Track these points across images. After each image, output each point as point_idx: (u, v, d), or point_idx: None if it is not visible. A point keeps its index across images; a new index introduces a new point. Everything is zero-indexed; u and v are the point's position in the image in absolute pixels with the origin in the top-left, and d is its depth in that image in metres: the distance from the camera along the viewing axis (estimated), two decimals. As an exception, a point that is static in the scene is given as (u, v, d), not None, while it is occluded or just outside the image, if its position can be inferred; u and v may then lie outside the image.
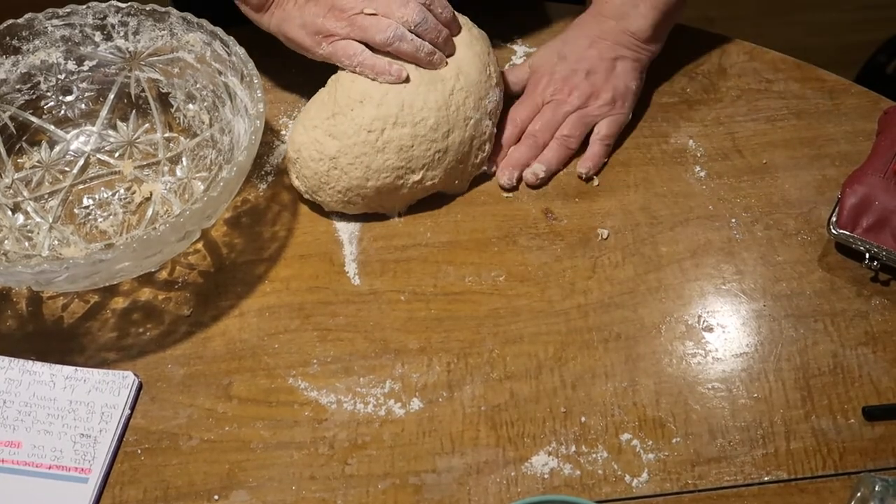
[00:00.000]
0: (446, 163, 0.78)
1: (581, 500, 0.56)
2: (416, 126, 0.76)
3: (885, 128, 0.80)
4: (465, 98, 0.78)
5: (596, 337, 0.73)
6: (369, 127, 0.75)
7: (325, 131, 0.76)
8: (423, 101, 0.76)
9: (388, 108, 0.76)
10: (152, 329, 0.74)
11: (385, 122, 0.75)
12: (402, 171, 0.76)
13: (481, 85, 0.79)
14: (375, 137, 0.75)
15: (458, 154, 0.78)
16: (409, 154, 0.76)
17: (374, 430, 0.69)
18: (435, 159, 0.77)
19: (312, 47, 0.79)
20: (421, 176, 0.77)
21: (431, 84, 0.77)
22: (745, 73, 0.90)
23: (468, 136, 0.78)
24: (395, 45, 0.76)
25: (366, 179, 0.76)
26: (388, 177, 0.76)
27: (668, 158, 0.84)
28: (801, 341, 0.72)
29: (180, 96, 0.83)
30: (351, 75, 0.77)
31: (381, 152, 0.76)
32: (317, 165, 0.76)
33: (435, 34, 0.77)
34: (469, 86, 0.78)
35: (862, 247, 0.75)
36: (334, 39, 0.77)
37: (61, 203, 0.81)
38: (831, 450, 0.67)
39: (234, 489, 0.66)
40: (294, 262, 0.78)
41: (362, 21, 0.77)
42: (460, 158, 0.79)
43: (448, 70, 0.78)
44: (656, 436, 0.68)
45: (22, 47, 0.80)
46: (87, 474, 0.66)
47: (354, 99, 0.76)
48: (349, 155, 0.76)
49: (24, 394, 0.69)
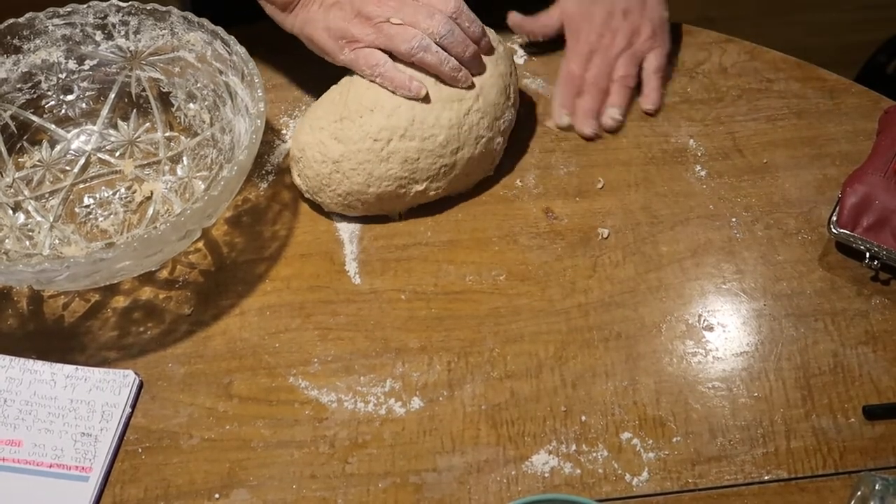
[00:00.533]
0: (452, 176, 0.78)
1: (582, 499, 0.56)
2: (425, 141, 0.76)
3: (886, 127, 0.81)
4: (479, 119, 0.78)
5: (596, 336, 0.73)
6: (376, 136, 0.75)
7: (331, 134, 0.76)
8: (436, 118, 0.76)
9: (399, 119, 0.75)
10: (153, 328, 0.74)
11: (392, 133, 0.75)
12: (405, 182, 0.76)
13: (499, 106, 0.79)
14: (381, 147, 0.75)
15: (466, 168, 0.78)
16: (413, 166, 0.76)
17: (374, 428, 0.69)
18: (440, 173, 0.77)
19: (335, 52, 0.78)
20: (424, 187, 0.77)
21: (448, 103, 0.76)
22: (745, 72, 0.90)
23: (478, 153, 0.78)
24: (419, 56, 0.75)
25: (367, 186, 0.76)
26: (389, 185, 0.76)
27: (668, 158, 0.84)
28: (801, 340, 0.73)
29: (181, 95, 0.83)
30: (367, 81, 0.77)
31: (385, 161, 0.75)
32: (319, 167, 0.76)
33: (462, 48, 0.76)
34: (486, 107, 0.78)
35: (862, 246, 0.75)
36: (357, 46, 0.76)
37: (62, 202, 0.81)
38: (831, 449, 0.67)
39: (235, 488, 0.66)
40: (295, 261, 0.78)
41: (388, 30, 0.76)
42: (468, 172, 0.79)
43: (470, 90, 0.77)
44: (657, 435, 0.68)
45: (23, 46, 0.80)
46: (88, 473, 0.66)
47: (365, 106, 0.76)
48: (352, 160, 0.75)
49: (24, 392, 0.69)
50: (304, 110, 0.86)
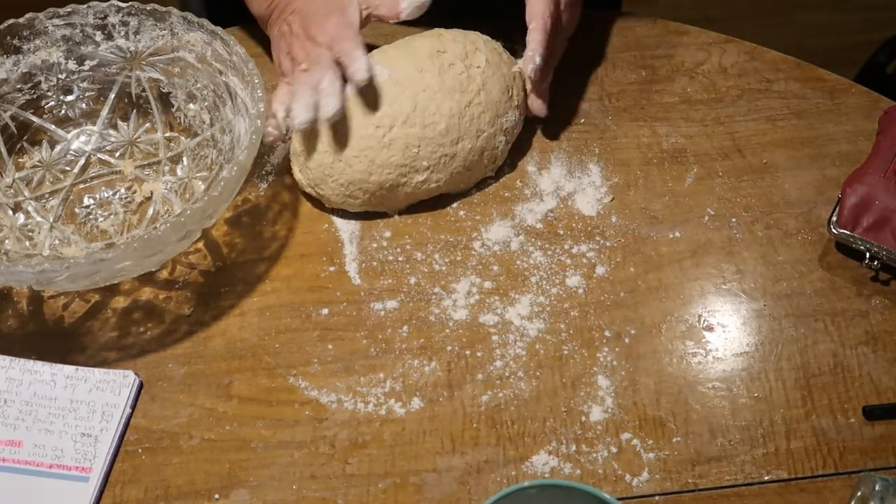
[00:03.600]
0: (453, 167, 0.78)
1: (582, 485, 0.55)
2: (426, 128, 0.76)
3: (886, 127, 0.81)
4: (481, 112, 0.78)
5: (596, 336, 0.73)
6: (378, 122, 0.75)
7: (333, 123, 0.76)
8: (437, 106, 0.76)
9: (401, 106, 0.76)
10: (153, 328, 0.74)
11: (394, 120, 0.75)
12: (406, 170, 0.77)
13: (501, 104, 0.80)
14: (382, 133, 0.75)
15: (467, 161, 0.79)
16: (414, 153, 0.76)
17: (374, 429, 0.69)
18: (441, 163, 0.77)
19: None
20: (425, 177, 0.77)
21: (450, 93, 0.77)
22: (745, 72, 0.90)
23: (479, 147, 0.79)
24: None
25: (369, 174, 0.76)
26: (391, 173, 0.76)
27: (668, 158, 0.84)
28: (801, 341, 0.73)
29: (181, 96, 0.83)
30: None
31: (387, 148, 0.76)
32: (321, 157, 0.76)
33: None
34: (488, 103, 0.79)
35: (862, 246, 0.75)
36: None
37: (62, 202, 0.81)
38: (831, 449, 0.67)
39: (235, 488, 0.66)
40: (294, 261, 0.78)
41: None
42: (468, 166, 0.79)
43: (472, 84, 0.78)
44: (657, 435, 0.68)
45: (23, 47, 0.80)
46: (88, 473, 0.66)
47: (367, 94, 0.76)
48: (354, 148, 0.76)
49: (24, 393, 0.69)
50: (304, 110, 0.86)
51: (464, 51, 0.79)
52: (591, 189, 0.82)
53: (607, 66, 0.91)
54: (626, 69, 0.90)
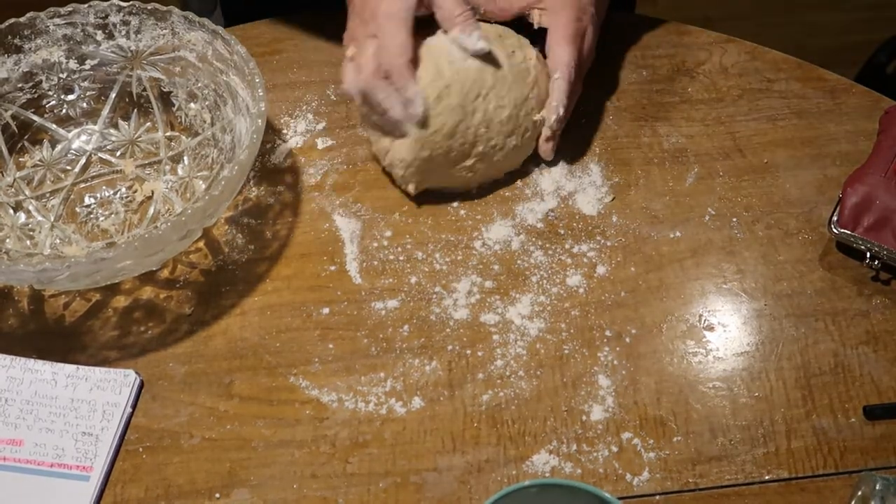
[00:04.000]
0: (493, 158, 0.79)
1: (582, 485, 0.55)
2: (497, 110, 0.77)
3: (887, 127, 0.81)
4: (532, 109, 0.79)
5: (597, 336, 0.73)
6: (470, 87, 0.75)
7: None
8: (508, 89, 0.77)
9: (483, 81, 0.76)
10: (154, 327, 0.74)
11: (480, 90, 0.75)
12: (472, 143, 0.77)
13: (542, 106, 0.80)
14: (472, 98, 0.75)
15: (505, 156, 0.79)
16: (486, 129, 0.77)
17: (375, 428, 0.69)
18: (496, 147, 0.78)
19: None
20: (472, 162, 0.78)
21: (516, 82, 0.77)
22: (746, 72, 0.90)
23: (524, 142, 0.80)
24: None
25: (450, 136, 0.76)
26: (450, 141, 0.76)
27: (668, 157, 0.84)
28: (801, 340, 0.73)
29: (182, 95, 0.83)
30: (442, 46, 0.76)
31: (471, 115, 0.76)
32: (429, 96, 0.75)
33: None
34: (539, 105, 0.79)
35: (863, 246, 0.75)
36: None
37: (63, 202, 0.81)
38: (832, 449, 0.67)
39: (236, 487, 0.66)
40: (295, 260, 0.78)
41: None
42: (508, 155, 0.79)
43: (529, 76, 0.78)
44: (657, 434, 0.68)
45: (24, 46, 0.80)
46: (89, 472, 0.66)
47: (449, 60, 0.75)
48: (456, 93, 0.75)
49: (25, 392, 0.70)
50: (305, 110, 0.86)
51: (518, 42, 0.79)
52: (591, 189, 0.82)
53: (608, 65, 0.91)
54: (627, 69, 0.91)
